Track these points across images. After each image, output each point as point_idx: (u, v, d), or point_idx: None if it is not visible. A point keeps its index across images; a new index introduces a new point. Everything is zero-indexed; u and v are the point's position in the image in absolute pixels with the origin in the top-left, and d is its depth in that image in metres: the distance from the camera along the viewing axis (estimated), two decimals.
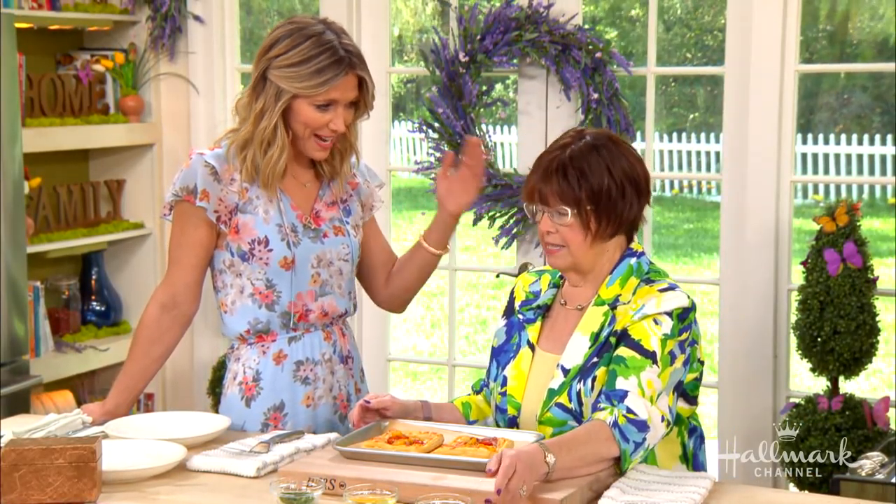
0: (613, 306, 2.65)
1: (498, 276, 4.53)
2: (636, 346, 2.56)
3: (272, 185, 2.90)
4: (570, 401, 2.61)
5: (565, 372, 2.63)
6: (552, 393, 2.62)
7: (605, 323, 2.64)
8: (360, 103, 2.91)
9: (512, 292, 2.86)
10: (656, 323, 2.57)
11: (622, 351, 2.57)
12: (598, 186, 2.60)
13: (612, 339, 2.61)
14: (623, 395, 2.51)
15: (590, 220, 2.61)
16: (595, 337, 2.64)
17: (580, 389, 2.60)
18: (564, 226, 2.62)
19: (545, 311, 2.77)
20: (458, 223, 3.11)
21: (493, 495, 2.25)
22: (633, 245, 2.73)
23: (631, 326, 2.59)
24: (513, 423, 2.70)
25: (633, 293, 2.64)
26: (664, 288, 2.62)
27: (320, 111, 2.85)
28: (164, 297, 2.95)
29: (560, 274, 2.78)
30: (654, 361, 2.54)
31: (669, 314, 2.58)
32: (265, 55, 2.86)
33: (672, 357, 2.57)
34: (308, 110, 2.85)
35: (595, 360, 2.62)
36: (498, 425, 2.74)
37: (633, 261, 2.69)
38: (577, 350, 2.64)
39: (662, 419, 2.53)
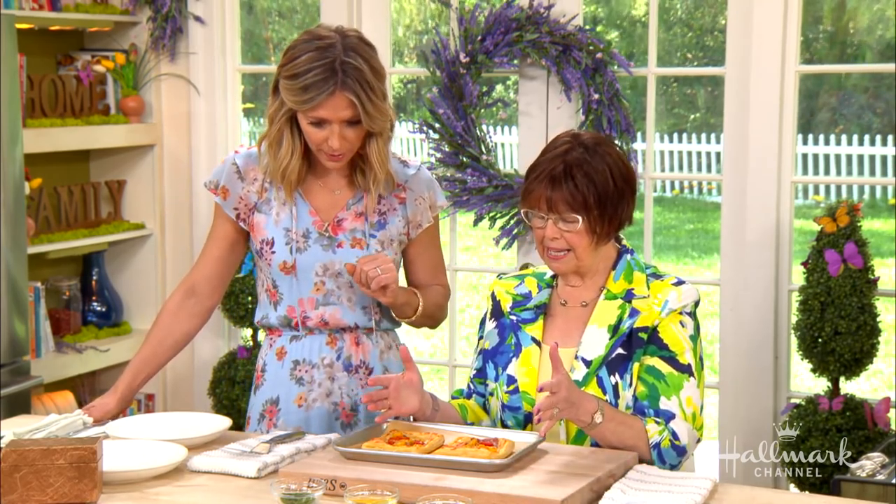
0: (628, 299, 2.71)
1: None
2: (672, 361, 2.65)
3: (287, 188, 2.90)
4: (605, 393, 2.65)
5: (587, 363, 2.67)
6: (578, 385, 2.64)
7: (624, 315, 2.69)
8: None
9: (493, 296, 2.86)
10: (683, 326, 2.68)
11: (659, 364, 2.65)
12: (603, 190, 2.65)
13: (643, 336, 2.67)
14: (670, 416, 2.62)
15: (596, 224, 2.66)
16: (614, 329, 2.68)
17: (617, 383, 2.66)
18: (570, 232, 2.65)
19: (544, 310, 2.78)
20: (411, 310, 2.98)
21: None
22: (624, 242, 2.82)
23: (661, 326, 2.67)
24: (528, 419, 2.71)
25: (647, 287, 2.71)
26: (676, 282, 2.72)
27: (314, 127, 2.80)
28: (187, 284, 3.01)
29: (551, 274, 2.81)
30: (691, 374, 2.66)
31: (691, 314, 2.70)
32: (281, 62, 2.84)
33: (701, 362, 2.71)
34: (304, 123, 2.82)
35: (621, 351, 2.67)
36: (506, 425, 2.75)
37: (629, 257, 2.76)
38: (595, 342, 2.68)
39: (698, 441, 2.67)
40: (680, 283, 2.72)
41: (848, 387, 4.08)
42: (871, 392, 6.64)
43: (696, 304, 2.73)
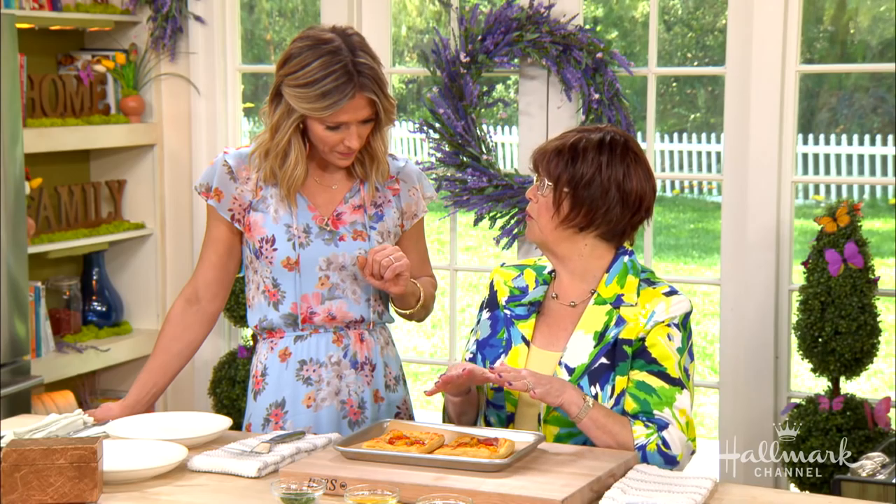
0: (616, 305, 2.68)
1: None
2: (663, 375, 2.63)
3: (292, 193, 2.90)
4: None
5: (570, 371, 2.66)
6: None
7: (611, 323, 2.67)
8: (378, 118, 2.86)
9: (492, 285, 2.86)
10: (670, 339, 2.64)
11: (650, 379, 2.63)
12: (580, 176, 2.66)
13: (628, 349, 2.64)
14: (664, 425, 2.60)
15: (562, 202, 2.66)
16: (600, 336, 2.66)
17: (597, 394, 2.64)
18: (542, 196, 2.69)
19: (538, 307, 2.78)
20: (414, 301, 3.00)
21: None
22: (624, 244, 2.79)
23: (649, 340, 2.64)
24: (510, 419, 2.72)
25: (637, 294, 2.68)
26: (668, 291, 2.69)
27: (331, 131, 2.82)
28: (188, 293, 3.00)
29: (550, 270, 2.80)
30: (682, 386, 2.64)
31: (678, 325, 2.66)
32: (280, 70, 2.84)
33: (687, 373, 2.67)
34: (320, 129, 2.83)
35: (604, 361, 2.65)
36: (488, 422, 2.75)
37: (625, 259, 2.73)
38: (580, 349, 2.67)
39: (693, 453, 2.64)
40: (672, 292, 2.68)
41: (848, 387, 4.08)
42: (871, 392, 6.64)
43: (687, 314, 2.68)
